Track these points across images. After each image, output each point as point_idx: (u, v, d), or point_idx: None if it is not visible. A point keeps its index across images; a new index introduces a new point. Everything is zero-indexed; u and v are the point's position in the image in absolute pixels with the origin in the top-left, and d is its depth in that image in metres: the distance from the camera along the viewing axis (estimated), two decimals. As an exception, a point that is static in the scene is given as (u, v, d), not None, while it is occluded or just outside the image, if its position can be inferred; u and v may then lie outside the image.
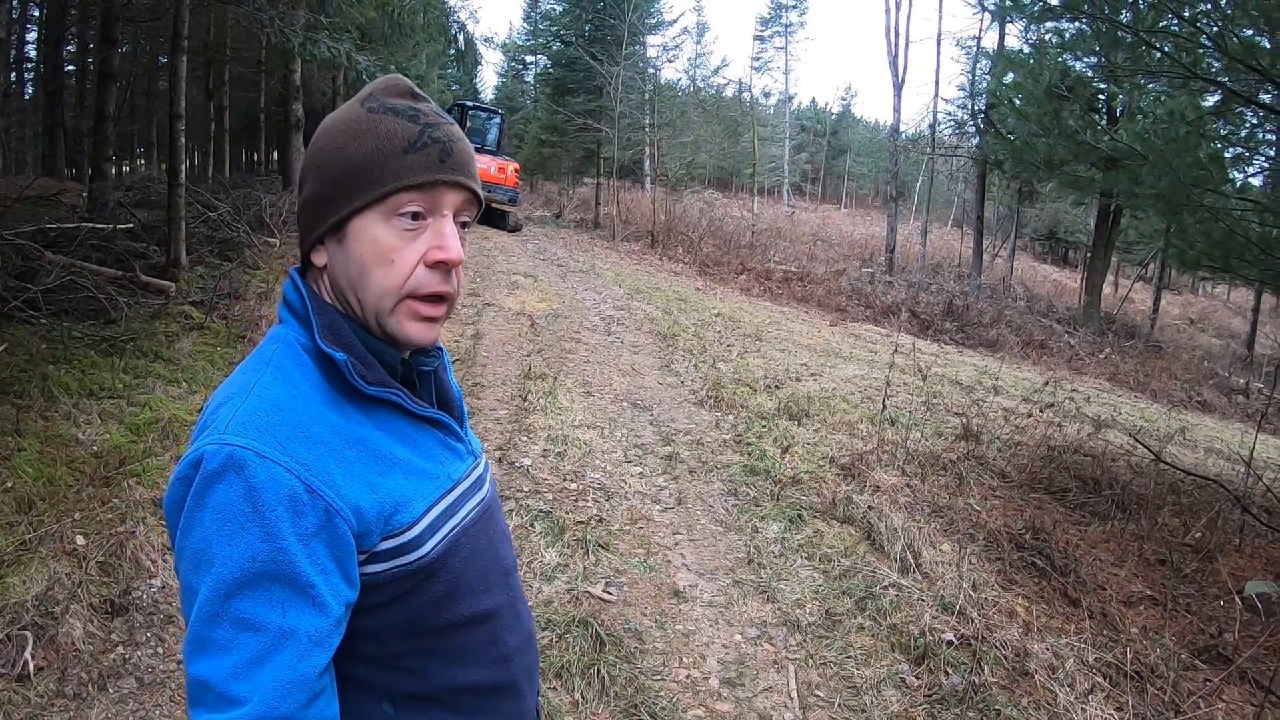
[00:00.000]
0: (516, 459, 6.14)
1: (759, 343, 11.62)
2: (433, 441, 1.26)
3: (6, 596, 3.70)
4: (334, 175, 1.17)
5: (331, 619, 1.04)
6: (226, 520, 0.99)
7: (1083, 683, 3.74)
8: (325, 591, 1.03)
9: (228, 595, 0.98)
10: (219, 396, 1.12)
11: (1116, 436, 7.84)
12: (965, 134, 29.77)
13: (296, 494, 1.01)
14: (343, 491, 1.06)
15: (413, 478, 1.18)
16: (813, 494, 5.87)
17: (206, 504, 1.00)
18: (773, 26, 55.67)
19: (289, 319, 1.20)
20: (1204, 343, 23.88)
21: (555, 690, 3.55)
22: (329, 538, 1.04)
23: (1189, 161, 6.23)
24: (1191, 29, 6.48)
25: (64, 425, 5.53)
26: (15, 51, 28.09)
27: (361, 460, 1.11)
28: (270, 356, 1.15)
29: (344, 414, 1.13)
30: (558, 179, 38.83)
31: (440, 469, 1.25)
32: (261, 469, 1.00)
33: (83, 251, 9.09)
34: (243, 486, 0.99)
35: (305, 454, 1.04)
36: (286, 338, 1.18)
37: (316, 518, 1.03)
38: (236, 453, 1.00)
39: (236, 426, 1.03)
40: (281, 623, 0.99)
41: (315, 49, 9.69)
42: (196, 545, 1.00)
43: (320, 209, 1.18)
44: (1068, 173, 10.76)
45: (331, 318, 1.17)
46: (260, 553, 0.99)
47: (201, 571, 1.00)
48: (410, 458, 1.20)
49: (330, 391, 1.14)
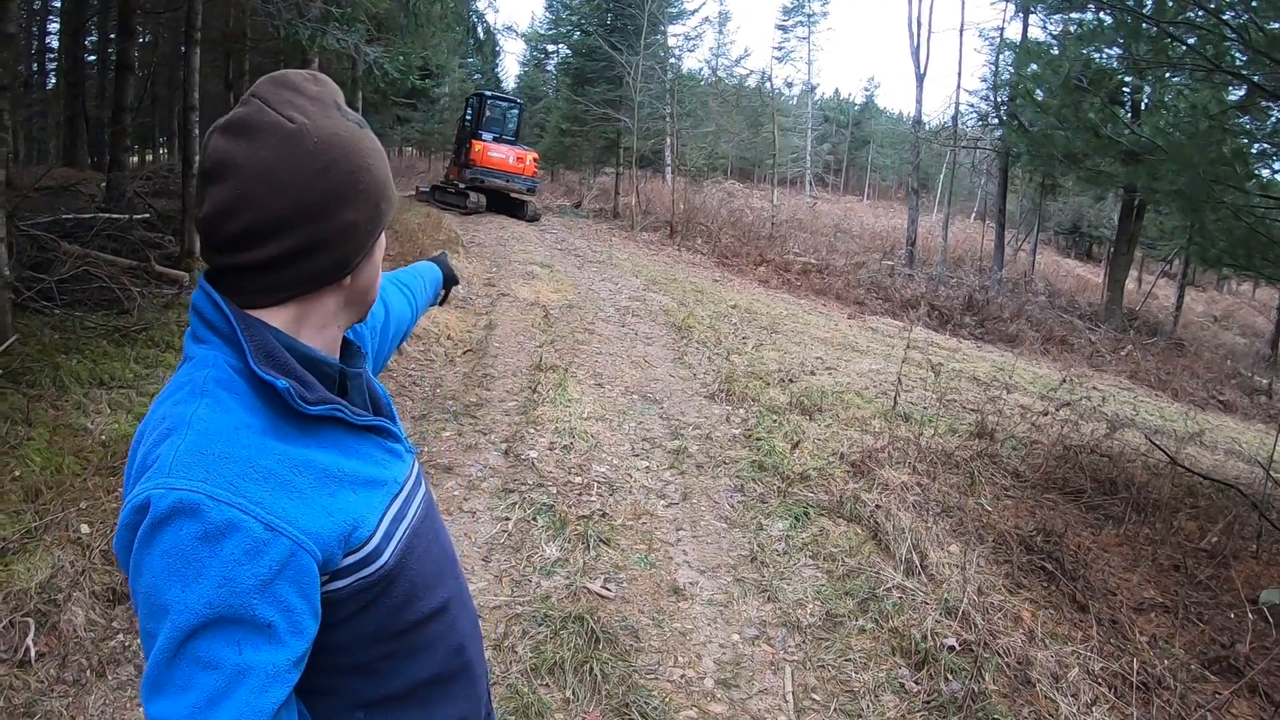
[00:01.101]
0: (523, 451, 6.12)
1: (774, 335, 11.55)
2: (375, 448, 1.24)
3: (11, 583, 3.76)
4: (374, 196, 1.18)
5: (291, 655, 1.02)
6: (179, 565, 0.96)
7: (1086, 693, 3.66)
8: (284, 629, 1.01)
9: (184, 639, 0.96)
10: (152, 431, 1.07)
11: (1134, 437, 7.73)
12: (988, 126, 29.61)
13: (256, 535, 0.99)
14: (300, 523, 1.04)
15: (362, 490, 1.16)
16: (821, 491, 5.79)
17: (155, 549, 0.97)
18: (795, 16, 55.35)
19: (210, 338, 1.13)
20: (1227, 341, 23.66)
21: (547, 687, 3.52)
22: (293, 574, 1.02)
23: (1211, 157, 6.12)
24: (1215, 21, 6.37)
25: (74, 415, 5.57)
26: (37, 43, 28.44)
27: (312, 485, 1.09)
28: (201, 384, 1.08)
29: (286, 439, 1.09)
30: (578, 168, 38.84)
31: (386, 474, 1.24)
32: (217, 513, 0.97)
33: (98, 241, 9.14)
34: (196, 531, 0.96)
35: (258, 492, 1.01)
36: (216, 360, 1.11)
37: (278, 557, 1.00)
38: (187, 496, 0.96)
39: (181, 468, 0.99)
40: (238, 660, 0.97)
41: (325, 41, 9.65)
42: (148, 590, 0.98)
43: (364, 231, 1.19)
44: (1088, 167, 10.66)
45: (263, 337, 1.11)
46: (217, 598, 0.96)
47: (157, 617, 0.97)
48: (358, 469, 1.17)
49: (269, 416, 1.09)
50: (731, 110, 38.15)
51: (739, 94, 45.32)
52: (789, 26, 56.38)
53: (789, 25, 56.36)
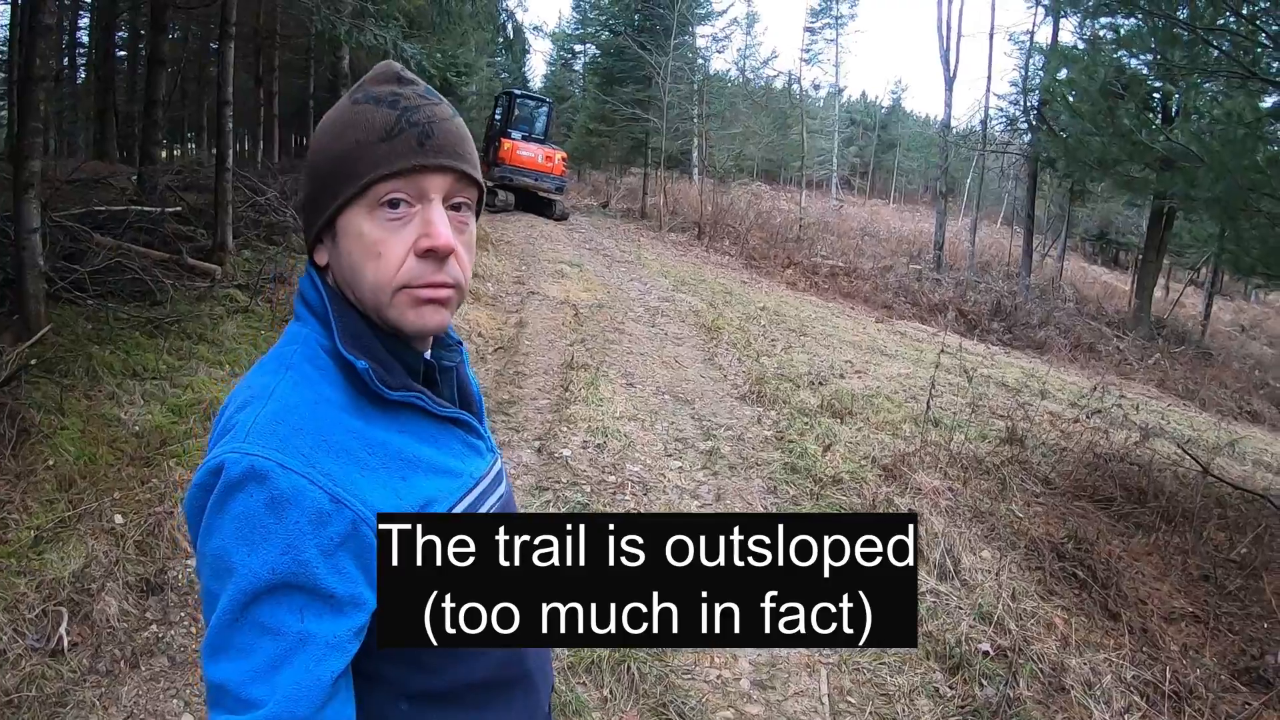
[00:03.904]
0: (556, 449, 6.15)
1: (803, 338, 11.55)
2: (454, 440, 1.25)
3: (44, 572, 3.78)
4: (322, 172, 1.15)
5: (351, 625, 1.04)
6: (247, 530, 0.98)
7: (1119, 701, 3.67)
8: (346, 599, 1.03)
9: (247, 603, 0.98)
10: (238, 398, 1.11)
11: (1164, 446, 7.70)
12: (1017, 130, 29.40)
13: (320, 506, 1.01)
14: (367, 499, 1.06)
15: (435, 478, 1.17)
16: (853, 495, 5.80)
17: (227, 513, 0.99)
18: (823, 18, 55.06)
19: (307, 317, 1.18)
20: (1255, 351, 23.39)
21: (584, 685, 3.54)
22: (355, 546, 1.04)
23: (1246, 165, 6.09)
24: (1250, 27, 6.35)
25: (107, 405, 5.61)
26: (68, 37, 28.61)
27: (384, 465, 1.10)
28: (290, 359, 1.13)
29: (365, 418, 1.12)
30: (605, 168, 38.84)
31: (463, 467, 1.24)
32: (285, 480, 0.99)
33: (130, 234, 9.20)
34: (265, 497, 0.99)
35: (328, 464, 1.04)
36: (306, 338, 1.16)
37: (341, 528, 1.02)
38: (258, 463, 0.99)
39: (258, 435, 1.02)
40: (300, 627, 0.99)
41: (361, 36, 9.74)
42: (216, 552, 1.00)
43: (313, 207, 1.17)
44: (1121, 173, 10.63)
45: (352, 321, 1.15)
46: (280, 564, 0.98)
47: (221, 579, 1.00)
48: (433, 457, 1.19)
49: (351, 394, 1.12)
50: (759, 112, 38.03)
51: (767, 95, 45.17)
52: (817, 29, 56.08)
53: (817, 27, 56.07)
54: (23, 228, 6.24)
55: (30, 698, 3.16)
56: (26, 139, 6.38)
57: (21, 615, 3.50)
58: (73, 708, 3.19)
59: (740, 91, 39.76)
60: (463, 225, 1.18)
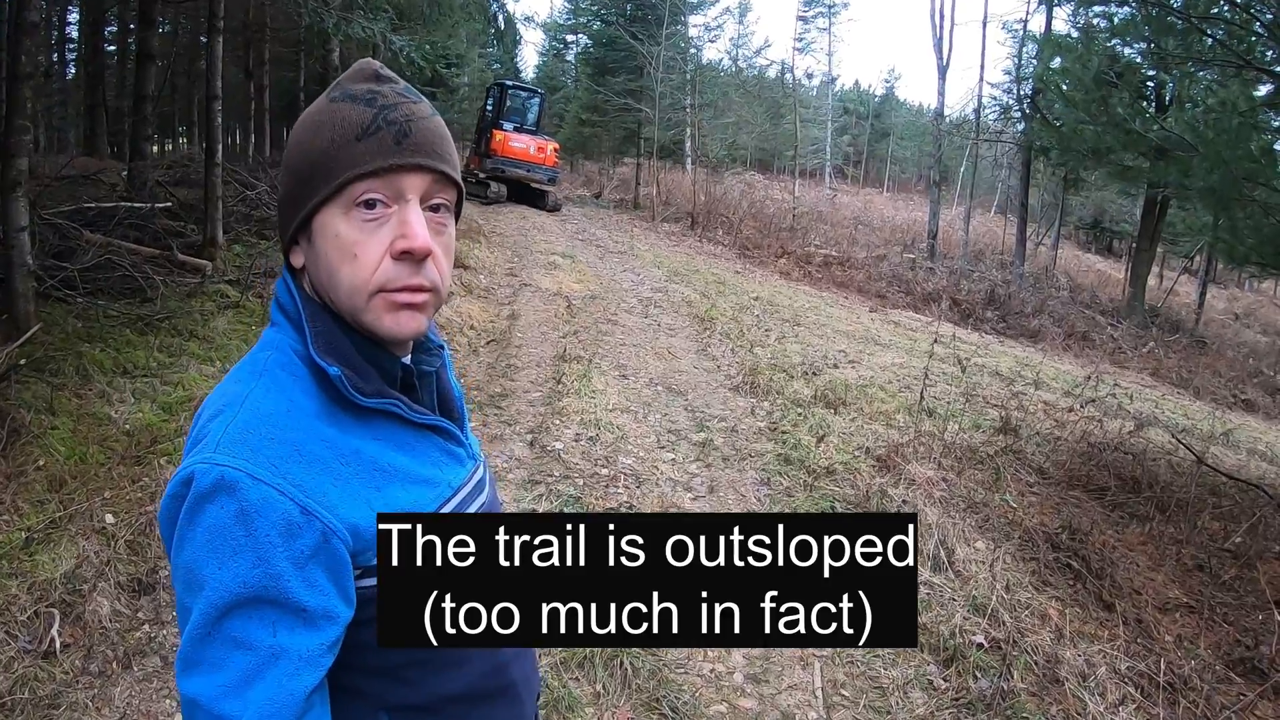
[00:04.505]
0: (548, 443, 6.14)
1: (797, 328, 11.53)
2: (433, 448, 1.23)
3: (35, 573, 3.77)
4: (297, 171, 1.13)
5: (324, 639, 1.03)
6: (218, 542, 0.97)
7: (1114, 692, 3.67)
8: (318, 612, 1.02)
9: (218, 617, 0.97)
10: (211, 406, 1.10)
11: (1158, 435, 7.70)
12: (1010, 119, 29.36)
13: (290, 517, 0.99)
14: (339, 511, 1.04)
15: (411, 487, 1.16)
16: (847, 486, 5.80)
17: (197, 524, 0.98)
18: (816, 7, 54.89)
19: (282, 322, 1.17)
20: (1249, 339, 23.42)
21: (577, 681, 3.54)
22: (325, 559, 1.02)
23: (1240, 154, 6.08)
24: (1245, 16, 6.34)
25: (97, 404, 5.59)
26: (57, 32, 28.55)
27: (358, 475, 1.09)
28: (263, 365, 1.12)
29: (340, 426, 1.10)
30: (598, 159, 38.75)
31: (440, 475, 1.22)
32: (254, 491, 0.98)
33: (120, 230, 9.15)
34: (235, 509, 0.97)
35: (299, 474, 1.02)
36: (281, 344, 1.15)
37: (312, 540, 1.01)
38: (228, 473, 0.98)
39: (228, 444, 1.01)
40: (272, 641, 0.98)
41: (350, 29, 9.69)
42: (188, 565, 0.99)
43: (289, 208, 1.15)
44: (1115, 162, 10.63)
45: (327, 325, 1.13)
46: (251, 577, 0.97)
47: (193, 591, 0.99)
48: (409, 466, 1.17)
49: (325, 402, 1.11)
50: (752, 101, 37.98)
51: (760, 85, 45.10)
52: (809, 17, 55.91)
53: (809, 16, 55.90)
54: (11, 226, 6.21)
55: (23, 700, 3.15)
56: (13, 137, 6.34)
57: (13, 617, 3.50)
58: (65, 709, 3.18)
59: (733, 81, 39.67)
60: (441, 227, 1.16)
